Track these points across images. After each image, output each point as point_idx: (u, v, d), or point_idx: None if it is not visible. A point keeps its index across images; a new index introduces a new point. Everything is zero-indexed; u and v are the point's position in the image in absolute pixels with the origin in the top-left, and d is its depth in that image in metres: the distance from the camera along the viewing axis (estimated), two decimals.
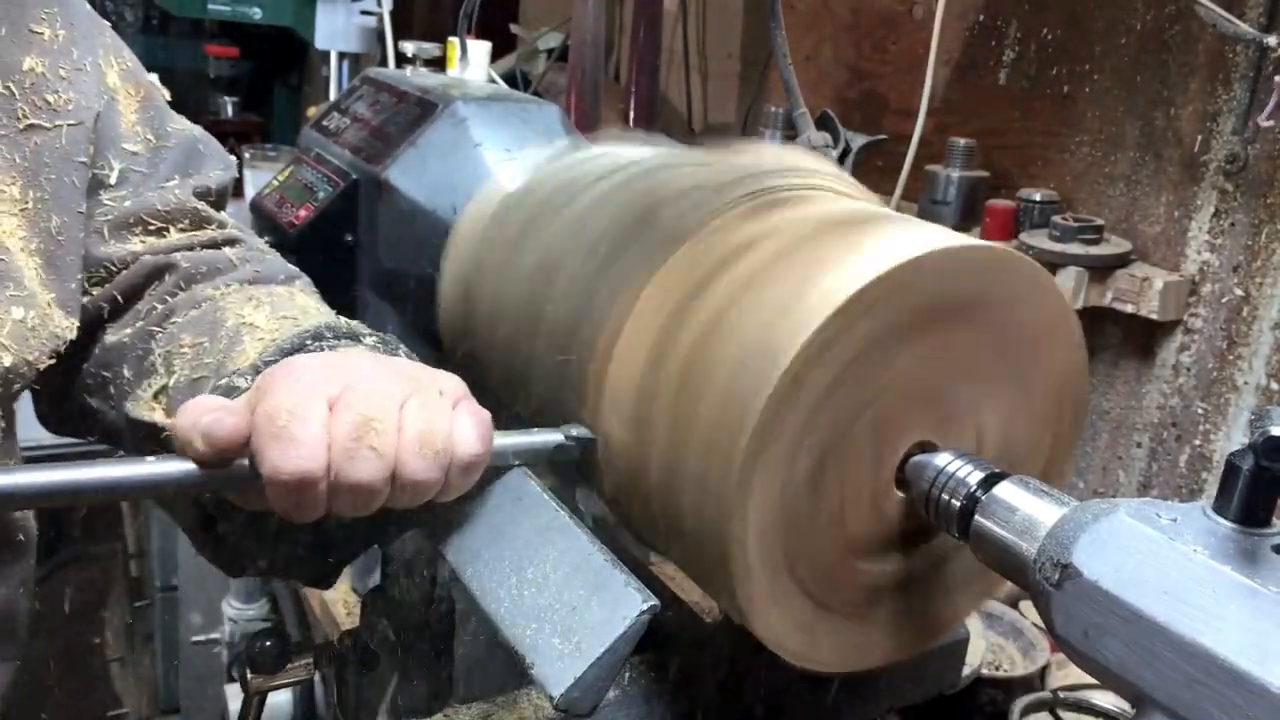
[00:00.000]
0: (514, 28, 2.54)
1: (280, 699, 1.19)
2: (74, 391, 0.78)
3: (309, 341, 0.67)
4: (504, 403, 0.79)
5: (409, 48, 1.44)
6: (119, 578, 2.22)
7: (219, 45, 3.01)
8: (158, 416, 0.69)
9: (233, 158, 0.89)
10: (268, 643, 0.75)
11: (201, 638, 1.80)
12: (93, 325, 0.78)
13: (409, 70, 1.38)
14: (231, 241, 0.83)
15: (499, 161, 0.96)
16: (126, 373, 0.74)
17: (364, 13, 2.46)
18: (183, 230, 0.81)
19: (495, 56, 2.01)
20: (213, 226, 0.83)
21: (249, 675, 0.75)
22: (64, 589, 1.63)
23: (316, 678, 0.89)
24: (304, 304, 0.76)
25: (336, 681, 0.82)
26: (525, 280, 0.79)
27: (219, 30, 3.15)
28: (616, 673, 0.58)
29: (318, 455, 0.56)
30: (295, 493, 0.57)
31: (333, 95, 2.51)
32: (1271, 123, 1.15)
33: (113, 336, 0.77)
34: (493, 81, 1.92)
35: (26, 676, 0.77)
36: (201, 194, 0.83)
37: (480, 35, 1.88)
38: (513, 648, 0.60)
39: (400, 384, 0.61)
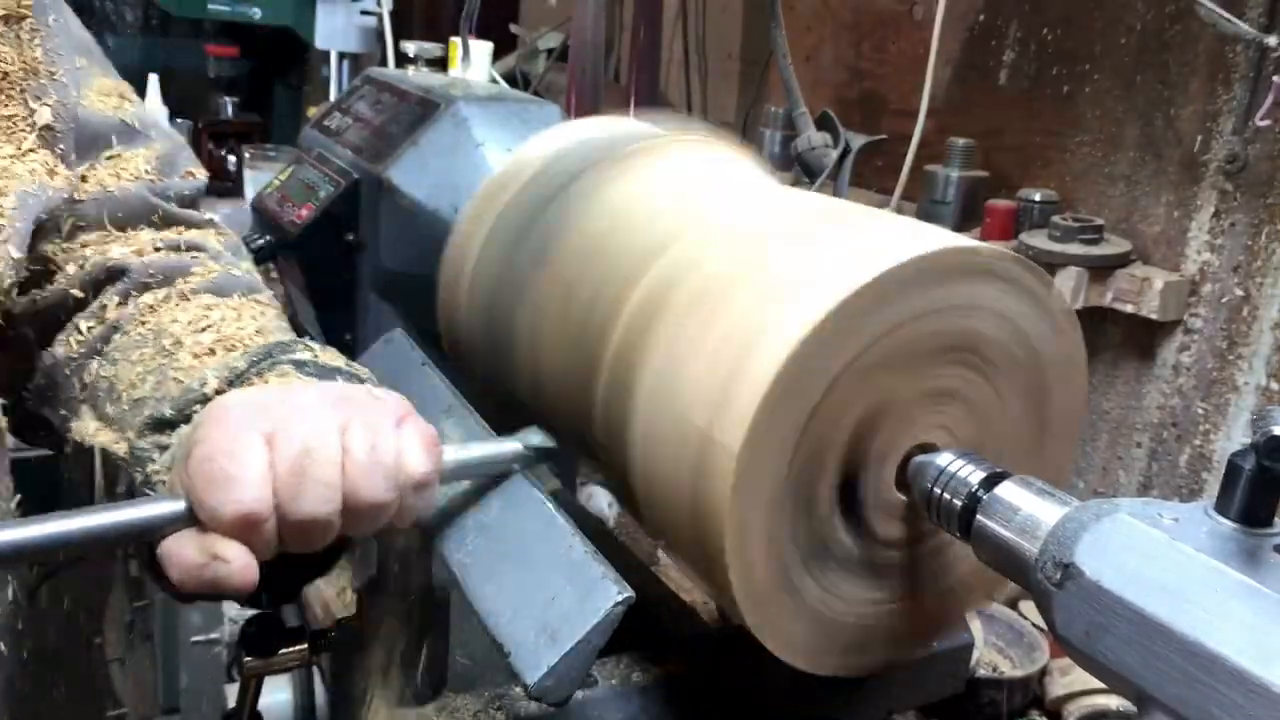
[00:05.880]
0: (514, 28, 2.54)
1: (280, 698, 1.19)
2: (25, 400, 0.77)
3: (241, 375, 0.65)
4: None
5: (410, 48, 1.44)
6: (119, 578, 2.22)
7: (219, 45, 3.00)
8: (101, 439, 0.68)
9: (205, 171, 0.87)
10: (263, 625, 0.76)
11: (201, 638, 1.79)
12: (47, 329, 0.75)
13: (410, 70, 1.38)
14: (194, 248, 0.80)
15: (500, 162, 0.97)
16: (72, 390, 0.73)
17: (364, 13, 2.46)
18: (144, 229, 0.78)
19: (495, 56, 2.01)
20: (175, 229, 0.80)
21: (244, 658, 0.75)
22: (64, 589, 1.63)
23: (317, 677, 0.89)
24: (256, 324, 0.73)
25: (331, 669, 0.82)
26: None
27: (219, 30, 3.14)
28: (591, 663, 0.58)
29: (260, 495, 0.54)
30: (240, 536, 0.55)
31: (333, 95, 2.51)
32: (1267, 122, 1.15)
33: (60, 349, 0.74)
34: (494, 82, 1.91)
35: (26, 676, 0.76)
36: (169, 197, 0.81)
37: (479, 35, 1.87)
38: (493, 636, 0.61)
39: (339, 409, 0.59)
